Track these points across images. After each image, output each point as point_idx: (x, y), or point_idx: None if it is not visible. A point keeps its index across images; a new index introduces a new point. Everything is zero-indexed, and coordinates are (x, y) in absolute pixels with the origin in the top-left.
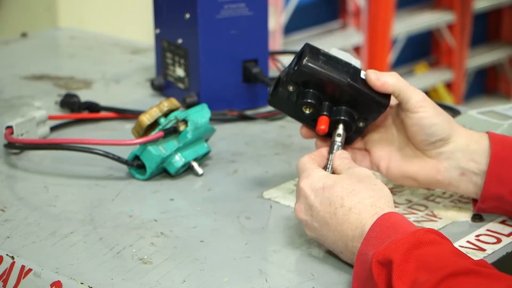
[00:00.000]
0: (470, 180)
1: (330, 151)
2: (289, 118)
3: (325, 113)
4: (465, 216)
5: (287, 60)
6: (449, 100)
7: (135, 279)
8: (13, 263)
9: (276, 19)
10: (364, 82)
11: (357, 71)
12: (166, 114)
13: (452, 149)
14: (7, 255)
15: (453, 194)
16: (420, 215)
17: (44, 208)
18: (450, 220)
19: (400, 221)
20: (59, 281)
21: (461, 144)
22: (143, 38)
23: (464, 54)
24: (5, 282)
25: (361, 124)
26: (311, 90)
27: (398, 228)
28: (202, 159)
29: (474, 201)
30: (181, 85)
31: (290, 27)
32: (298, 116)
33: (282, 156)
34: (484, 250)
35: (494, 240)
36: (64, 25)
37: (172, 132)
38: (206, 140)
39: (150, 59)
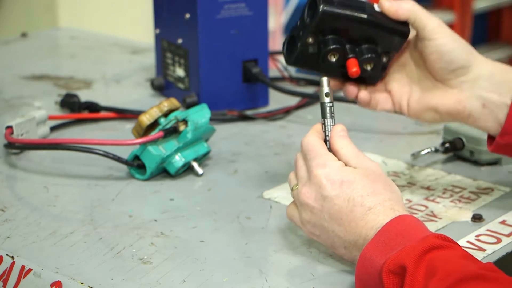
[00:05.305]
0: (491, 112)
1: (322, 115)
2: (289, 118)
3: (351, 55)
4: (465, 216)
5: None
6: None
7: (135, 279)
8: (13, 263)
9: (276, 19)
10: (381, 14)
11: (370, 5)
12: (166, 114)
13: (475, 77)
14: (7, 255)
15: (453, 194)
16: (420, 215)
17: (44, 208)
18: (450, 220)
19: (408, 227)
20: (59, 281)
21: (485, 72)
22: (143, 38)
23: None
24: (5, 282)
25: (384, 59)
26: (331, 36)
27: (407, 234)
28: (202, 159)
29: (490, 140)
30: (181, 85)
31: (290, 27)
32: (323, 67)
33: (282, 156)
34: (484, 250)
35: (494, 240)
36: (64, 25)
37: (172, 132)
38: (206, 140)
39: (150, 59)
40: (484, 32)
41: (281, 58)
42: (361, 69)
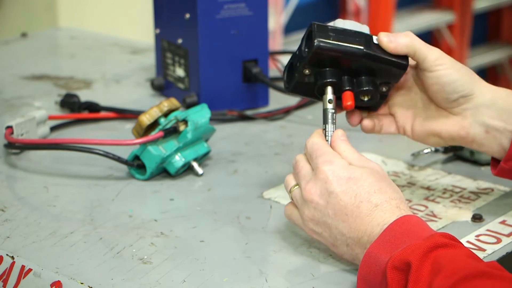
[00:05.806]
0: (495, 138)
1: (324, 120)
2: (289, 118)
3: (347, 88)
4: (465, 216)
5: (287, 60)
6: None
7: (135, 279)
8: (13, 263)
9: (276, 19)
10: (379, 47)
11: (368, 38)
12: (166, 114)
13: (477, 104)
14: (7, 255)
15: (453, 194)
16: (420, 215)
17: (44, 208)
18: (450, 220)
19: (414, 226)
20: (59, 281)
21: (486, 99)
22: (143, 38)
23: (464, 54)
24: (5, 282)
25: (384, 89)
26: (328, 69)
27: (413, 233)
28: (202, 159)
29: (494, 162)
30: (181, 85)
31: (290, 27)
32: (320, 96)
33: (282, 156)
34: (484, 250)
35: (494, 240)
36: (64, 25)
37: (172, 132)
38: (206, 140)
39: (150, 59)
40: (484, 32)
41: (281, 58)
42: (358, 100)
